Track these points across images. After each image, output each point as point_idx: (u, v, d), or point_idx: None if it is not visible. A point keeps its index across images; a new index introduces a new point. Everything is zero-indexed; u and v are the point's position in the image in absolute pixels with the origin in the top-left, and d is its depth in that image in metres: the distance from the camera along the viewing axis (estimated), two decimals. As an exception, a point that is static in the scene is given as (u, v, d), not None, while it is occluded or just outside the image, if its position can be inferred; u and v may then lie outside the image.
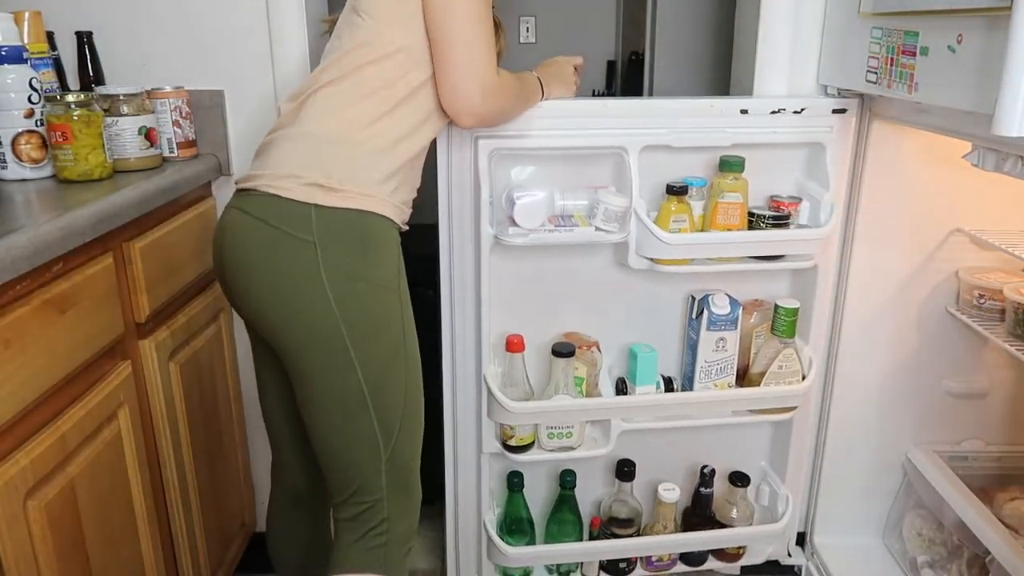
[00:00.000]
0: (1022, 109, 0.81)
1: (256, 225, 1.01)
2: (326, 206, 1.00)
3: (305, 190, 1.00)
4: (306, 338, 1.01)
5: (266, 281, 1.01)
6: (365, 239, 1.03)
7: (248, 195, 1.03)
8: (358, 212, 1.02)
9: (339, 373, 1.02)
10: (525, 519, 1.50)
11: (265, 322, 1.04)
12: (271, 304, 1.01)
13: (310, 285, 0.99)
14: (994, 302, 1.38)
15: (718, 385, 1.41)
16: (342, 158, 1.02)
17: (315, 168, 1.01)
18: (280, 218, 1.00)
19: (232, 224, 1.04)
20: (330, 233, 1.00)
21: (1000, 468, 1.55)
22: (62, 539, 0.99)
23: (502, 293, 1.38)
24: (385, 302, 1.05)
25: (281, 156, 1.03)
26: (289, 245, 0.99)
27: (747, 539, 1.54)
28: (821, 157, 1.35)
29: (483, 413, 1.41)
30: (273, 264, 1.00)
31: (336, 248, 1.00)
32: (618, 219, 1.28)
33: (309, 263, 0.99)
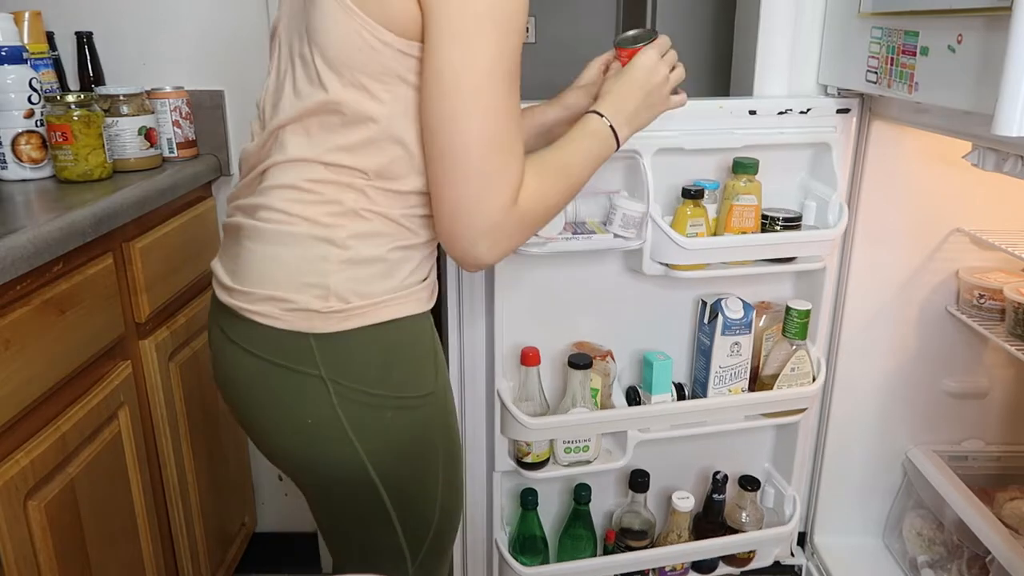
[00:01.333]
0: (1022, 109, 0.81)
1: (247, 359, 0.83)
2: (328, 333, 0.79)
3: (296, 318, 0.79)
4: (328, 482, 0.87)
5: (273, 422, 0.85)
6: (387, 358, 0.83)
7: (230, 315, 0.84)
8: (372, 327, 0.81)
9: (368, 513, 0.88)
10: (539, 537, 1.45)
11: (280, 462, 0.89)
12: (282, 445, 0.86)
13: (326, 425, 0.82)
14: (994, 302, 1.38)
15: (732, 390, 1.40)
16: (334, 264, 0.79)
17: (302, 286, 0.79)
18: (274, 351, 0.81)
19: (221, 355, 0.87)
20: (339, 363, 0.80)
21: (1000, 468, 1.55)
22: (62, 539, 0.99)
23: (512, 304, 1.34)
24: (421, 422, 0.87)
25: (253, 266, 0.82)
26: (293, 382, 0.81)
27: (758, 543, 1.53)
28: (827, 157, 1.35)
29: (496, 430, 1.36)
30: (278, 403, 0.83)
31: (351, 377, 0.81)
32: (635, 225, 1.26)
33: (320, 401, 0.81)
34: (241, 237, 0.83)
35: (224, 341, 0.86)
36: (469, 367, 1.37)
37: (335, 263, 0.79)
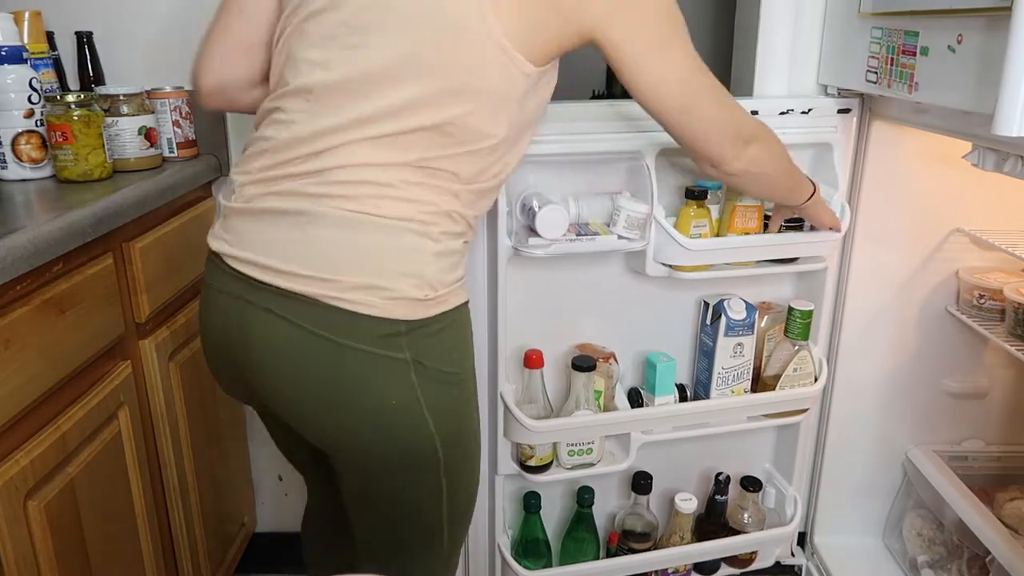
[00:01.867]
0: (1022, 109, 0.81)
1: (322, 345, 0.83)
2: (419, 319, 0.85)
3: (395, 305, 0.83)
4: (398, 463, 0.89)
5: (350, 404, 0.86)
6: (456, 339, 0.90)
7: (293, 301, 0.83)
8: (448, 312, 0.88)
9: (425, 490, 0.92)
10: (542, 540, 1.45)
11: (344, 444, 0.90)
12: (355, 428, 0.87)
13: (406, 407, 0.86)
14: (994, 302, 1.38)
15: (735, 391, 1.41)
16: (429, 255, 0.85)
17: (400, 275, 0.83)
18: (360, 337, 0.83)
19: (277, 339, 0.85)
20: (424, 346, 0.85)
21: (1000, 468, 1.55)
22: (62, 539, 0.99)
23: (515, 306, 1.33)
24: (469, 397, 0.94)
25: (338, 254, 0.83)
26: (378, 365, 0.84)
27: (760, 544, 1.53)
28: (828, 157, 1.35)
29: (499, 433, 1.35)
30: (359, 387, 0.85)
31: (430, 359, 0.86)
32: (639, 226, 1.25)
33: (404, 382, 0.85)
34: (306, 224, 0.83)
35: (283, 327, 0.84)
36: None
37: (429, 255, 0.85)
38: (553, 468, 1.39)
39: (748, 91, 1.43)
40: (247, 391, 0.95)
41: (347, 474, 0.94)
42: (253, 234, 0.87)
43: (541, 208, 1.19)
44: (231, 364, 0.91)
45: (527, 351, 1.32)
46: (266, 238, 0.86)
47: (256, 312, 0.86)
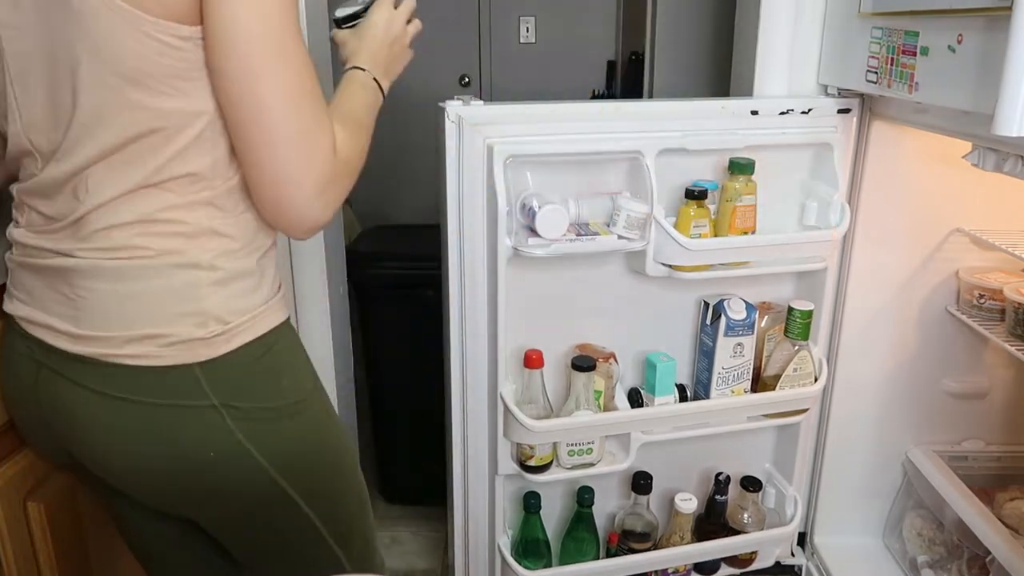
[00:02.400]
0: (1022, 109, 0.81)
1: (120, 407, 0.76)
2: (214, 358, 0.76)
3: (178, 351, 0.75)
4: (242, 512, 0.84)
5: (167, 467, 0.78)
6: (273, 368, 0.81)
7: (80, 364, 0.76)
8: (256, 341, 0.79)
9: (288, 526, 0.86)
10: (542, 540, 1.45)
11: (180, 506, 0.84)
12: (183, 488, 0.81)
13: (230, 454, 0.78)
14: (994, 302, 1.38)
15: (735, 391, 1.40)
16: (206, 288, 0.76)
17: (176, 317, 0.75)
18: (156, 392, 0.76)
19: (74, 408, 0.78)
20: (230, 386, 0.77)
21: (1000, 468, 1.55)
22: (62, 539, 0.99)
23: (515, 306, 1.33)
24: (314, 422, 0.86)
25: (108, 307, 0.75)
26: (184, 419, 0.76)
27: (760, 544, 1.53)
28: (828, 157, 1.35)
29: (499, 433, 1.35)
30: (171, 446, 0.77)
31: (244, 397, 0.78)
32: (639, 226, 1.26)
33: (219, 431, 0.77)
34: (75, 278, 0.76)
35: (78, 393, 0.77)
36: (471, 370, 1.36)
37: (205, 286, 0.76)
38: (553, 468, 1.39)
39: (748, 91, 1.43)
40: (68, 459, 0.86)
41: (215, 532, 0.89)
42: (35, 291, 0.80)
43: (541, 208, 1.19)
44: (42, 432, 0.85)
45: (527, 351, 1.32)
46: (46, 295, 0.79)
47: (51, 376, 0.79)
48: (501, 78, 3.55)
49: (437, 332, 1.43)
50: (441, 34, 3.45)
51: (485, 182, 1.25)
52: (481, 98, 1.25)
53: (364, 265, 1.78)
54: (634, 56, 2.96)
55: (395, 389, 1.85)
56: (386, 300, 1.80)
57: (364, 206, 3.13)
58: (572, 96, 3.45)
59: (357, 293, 1.80)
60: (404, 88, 1.17)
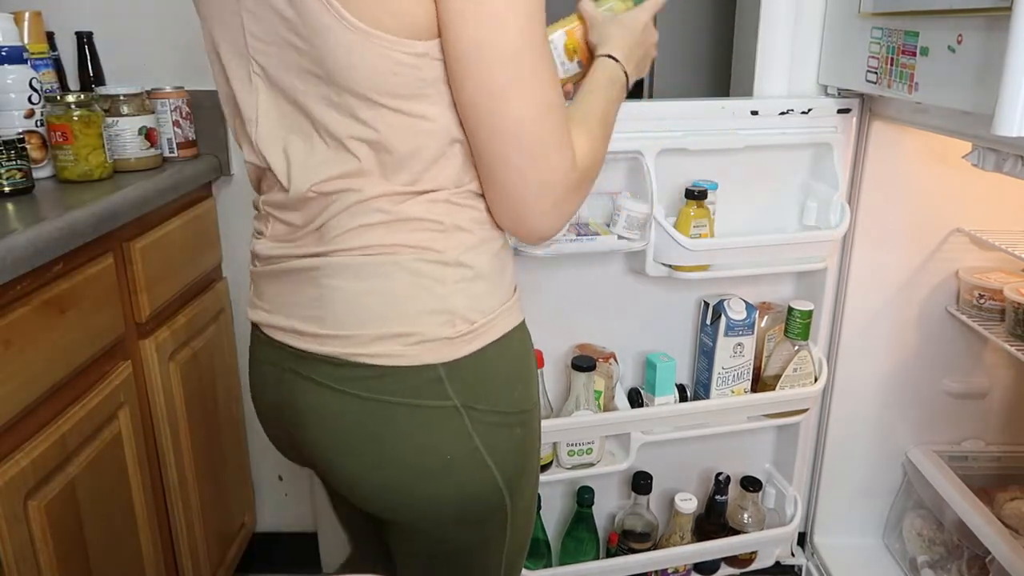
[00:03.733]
0: (1022, 109, 0.81)
1: (358, 405, 0.75)
2: (458, 359, 0.74)
3: (424, 350, 0.73)
4: (462, 522, 0.80)
5: (401, 466, 0.77)
6: (511, 372, 0.79)
7: (323, 364, 0.76)
8: (496, 343, 0.77)
9: (489, 540, 0.83)
10: (542, 540, 1.45)
11: (393, 510, 0.81)
12: (412, 489, 0.78)
13: (465, 457, 0.76)
14: (994, 302, 1.38)
15: (735, 391, 1.41)
16: (451, 285, 0.74)
17: (423, 315, 0.73)
18: (398, 391, 0.74)
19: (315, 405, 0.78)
20: (471, 388, 0.75)
21: (1000, 468, 1.55)
22: (62, 539, 0.99)
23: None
24: (534, 435, 0.84)
25: (353, 305, 0.74)
26: (423, 419, 0.75)
27: (760, 544, 1.53)
28: (828, 157, 1.35)
29: None
30: (408, 446, 0.76)
31: (484, 400, 0.76)
32: (639, 226, 1.26)
33: (458, 433, 0.75)
34: (318, 278, 0.75)
35: (319, 392, 0.76)
36: (470, 368, 1.36)
37: (452, 284, 0.74)
38: (553, 468, 1.39)
39: (748, 91, 1.43)
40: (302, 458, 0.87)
41: (405, 541, 0.86)
42: (277, 297, 0.80)
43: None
44: (283, 433, 0.85)
45: (527, 351, 1.32)
46: (289, 300, 0.79)
47: (295, 380, 0.79)
48: (501, 78, 3.54)
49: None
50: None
51: (485, 182, 1.25)
52: (481, 98, 1.25)
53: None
54: (634, 56, 2.95)
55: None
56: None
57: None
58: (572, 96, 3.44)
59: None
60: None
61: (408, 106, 0.70)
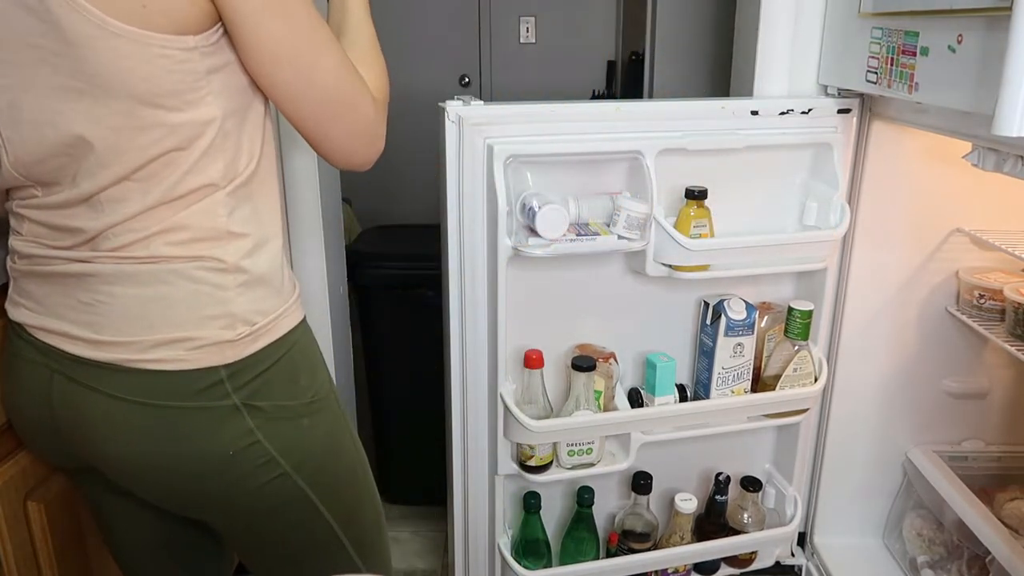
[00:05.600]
0: (1022, 109, 0.81)
1: (139, 411, 0.77)
2: (239, 359, 0.78)
3: (205, 354, 0.76)
4: (259, 514, 0.84)
5: (184, 468, 0.79)
6: (293, 367, 0.83)
7: (99, 370, 0.77)
8: (277, 342, 0.81)
9: (306, 529, 0.86)
10: (542, 540, 1.45)
11: (198, 509, 0.85)
12: (201, 490, 0.81)
13: (249, 453, 0.79)
14: (994, 302, 1.38)
15: (735, 391, 1.40)
16: (232, 291, 0.77)
17: (204, 320, 0.76)
18: (177, 394, 0.76)
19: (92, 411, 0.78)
20: (253, 386, 0.79)
21: (1000, 468, 1.55)
22: (62, 539, 0.99)
23: (515, 306, 1.33)
24: (330, 421, 0.87)
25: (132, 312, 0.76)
26: (203, 420, 0.77)
27: (760, 544, 1.53)
28: (828, 157, 1.35)
29: (499, 433, 1.35)
30: (189, 447, 0.78)
31: (264, 396, 0.79)
32: (639, 226, 1.26)
33: (237, 431, 0.78)
34: (94, 284, 0.76)
35: (95, 398, 0.77)
36: (471, 370, 1.36)
37: (232, 289, 0.77)
38: (553, 468, 1.39)
39: (748, 91, 1.43)
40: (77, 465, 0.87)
41: (232, 540, 0.89)
42: (46, 298, 0.80)
43: (541, 208, 1.19)
44: (50, 439, 0.84)
45: (527, 351, 1.32)
46: (59, 302, 0.79)
47: (67, 384, 0.79)
48: (501, 78, 3.55)
49: (437, 332, 1.43)
50: (441, 34, 3.45)
51: (485, 182, 1.25)
52: (481, 98, 1.25)
53: (364, 265, 1.78)
54: (634, 56, 2.96)
55: (395, 389, 1.85)
56: (386, 300, 1.80)
57: (364, 206, 3.14)
58: (572, 96, 3.46)
59: (357, 293, 1.80)
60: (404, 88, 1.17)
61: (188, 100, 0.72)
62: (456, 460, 1.44)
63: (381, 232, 2.09)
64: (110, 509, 0.95)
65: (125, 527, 0.96)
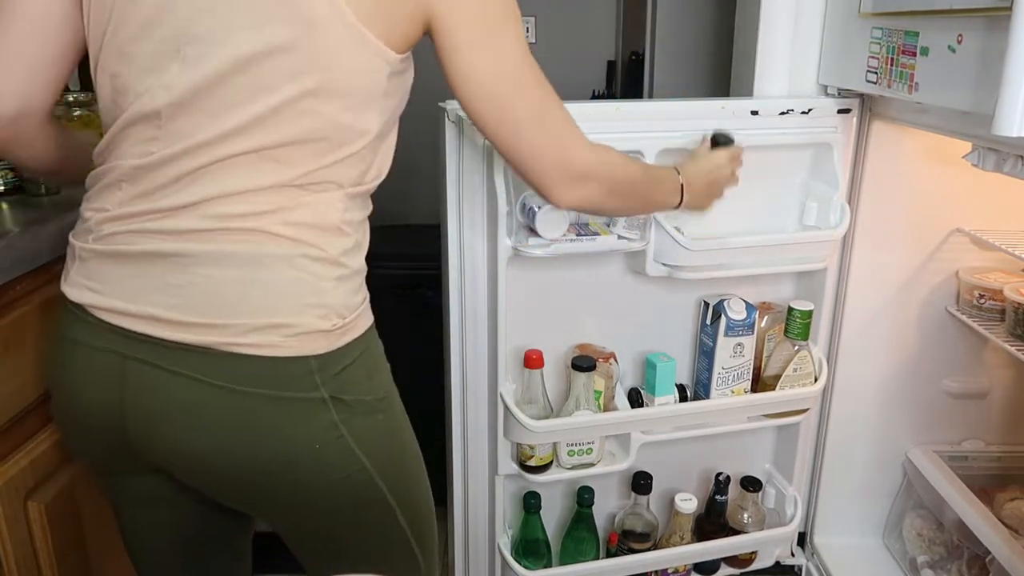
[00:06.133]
0: (1022, 109, 0.81)
1: (227, 397, 0.76)
2: (329, 352, 0.78)
3: (301, 341, 0.76)
4: (335, 507, 0.83)
5: (267, 458, 0.78)
6: (371, 363, 0.85)
7: (185, 352, 0.75)
8: (360, 338, 0.82)
9: (377, 522, 0.87)
10: (542, 540, 1.45)
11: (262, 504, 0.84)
12: (284, 487, 0.80)
13: (333, 446, 0.79)
14: (994, 302, 1.38)
15: (735, 391, 1.40)
16: (329, 282, 0.79)
17: (302, 308, 0.76)
18: (269, 382, 0.76)
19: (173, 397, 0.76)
20: (339, 379, 0.79)
21: (1000, 468, 1.55)
22: (62, 539, 0.99)
23: (515, 306, 1.32)
24: (399, 419, 0.89)
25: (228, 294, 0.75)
26: (293, 411, 0.77)
27: (760, 544, 1.53)
28: (828, 157, 1.35)
29: (499, 433, 1.35)
30: (275, 437, 0.77)
31: (350, 391, 0.80)
32: (639, 226, 1.26)
33: (323, 424, 0.79)
34: (190, 263, 0.75)
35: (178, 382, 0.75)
36: (472, 370, 1.36)
37: (330, 280, 0.78)
38: (553, 468, 1.39)
39: (748, 91, 1.43)
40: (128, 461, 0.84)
41: (295, 535, 0.88)
42: (124, 280, 0.77)
43: (541, 208, 1.19)
44: (109, 432, 0.80)
45: (527, 351, 1.32)
46: (142, 284, 0.76)
47: (141, 369, 0.76)
48: (501, 78, 3.54)
49: (437, 332, 1.43)
50: (441, 34, 3.44)
51: (485, 182, 1.25)
52: (481, 98, 1.25)
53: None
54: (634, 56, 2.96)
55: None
56: (386, 300, 1.79)
57: (364, 206, 3.13)
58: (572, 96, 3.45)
59: (357, 293, 1.80)
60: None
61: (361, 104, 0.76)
62: (456, 460, 1.44)
63: (381, 232, 2.09)
64: (146, 514, 0.92)
65: (157, 532, 0.94)
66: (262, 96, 0.72)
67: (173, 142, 0.74)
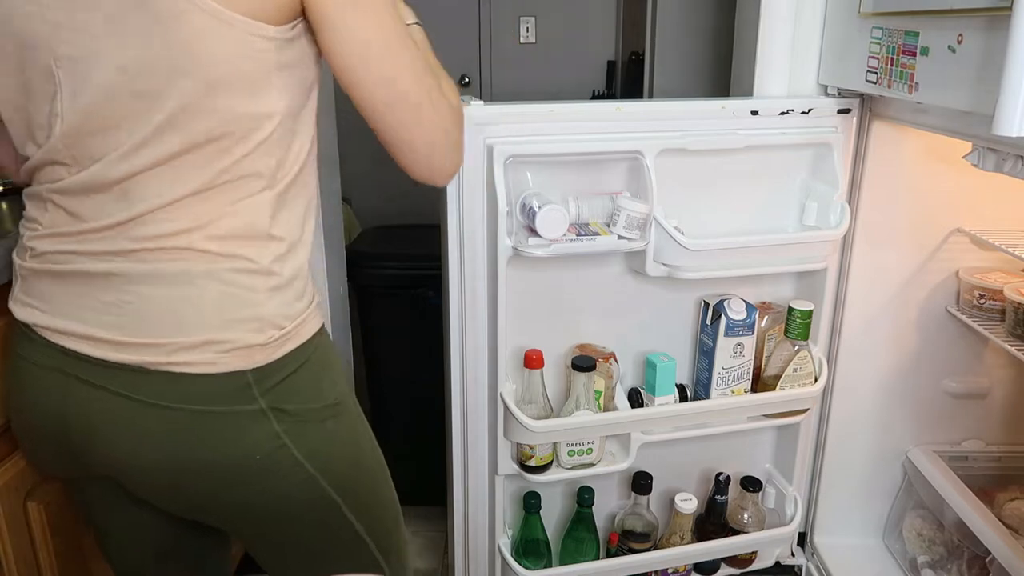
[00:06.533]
0: (1022, 109, 0.81)
1: (166, 415, 0.75)
2: (268, 363, 0.77)
3: (235, 357, 0.75)
4: (284, 517, 0.83)
5: (207, 473, 0.78)
6: (316, 370, 0.83)
7: (123, 372, 0.75)
8: (302, 346, 0.80)
9: (331, 531, 0.86)
10: (542, 541, 1.45)
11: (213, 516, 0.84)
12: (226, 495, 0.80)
13: (274, 456, 0.78)
14: (994, 302, 1.38)
15: (735, 391, 1.40)
16: (263, 293, 0.77)
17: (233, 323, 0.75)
18: (205, 398, 0.75)
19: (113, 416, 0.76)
20: (279, 390, 0.78)
21: (1000, 468, 1.55)
22: (62, 539, 0.99)
23: (515, 306, 1.33)
24: (351, 424, 0.88)
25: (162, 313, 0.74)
26: (230, 424, 0.76)
27: (760, 544, 1.53)
28: (828, 157, 1.35)
29: (499, 433, 1.35)
30: (215, 452, 0.77)
31: (290, 401, 0.79)
32: (639, 226, 1.26)
33: (263, 435, 0.77)
34: (123, 283, 0.74)
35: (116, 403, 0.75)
36: (471, 370, 1.36)
37: (263, 292, 0.77)
38: (553, 468, 1.39)
39: (748, 91, 1.43)
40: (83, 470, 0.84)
41: (253, 546, 0.89)
42: (63, 298, 0.77)
43: (541, 208, 1.19)
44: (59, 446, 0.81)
45: (527, 351, 1.32)
46: (80, 303, 0.76)
47: (83, 388, 0.76)
48: (501, 78, 3.55)
49: (437, 332, 1.43)
50: (441, 34, 3.45)
51: (485, 182, 1.25)
52: (481, 98, 1.25)
53: (364, 265, 1.78)
54: (634, 56, 2.96)
55: (395, 389, 1.86)
56: (386, 300, 1.80)
57: (364, 206, 3.14)
58: (572, 96, 3.46)
59: (357, 293, 1.80)
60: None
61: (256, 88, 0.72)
62: (456, 460, 1.44)
63: (381, 232, 2.09)
64: (113, 517, 0.93)
65: (128, 535, 0.94)
66: (152, 104, 0.70)
67: (83, 165, 0.74)
